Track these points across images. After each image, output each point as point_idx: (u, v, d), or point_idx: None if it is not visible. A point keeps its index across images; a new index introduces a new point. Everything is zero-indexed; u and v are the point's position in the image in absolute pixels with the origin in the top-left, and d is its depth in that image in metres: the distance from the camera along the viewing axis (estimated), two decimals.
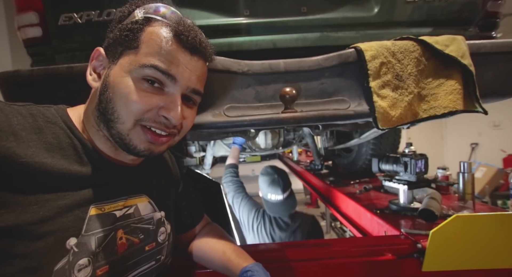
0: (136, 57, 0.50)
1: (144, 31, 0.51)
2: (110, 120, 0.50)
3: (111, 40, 0.53)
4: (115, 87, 0.49)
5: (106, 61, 0.53)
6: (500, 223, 0.76)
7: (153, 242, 0.61)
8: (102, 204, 0.52)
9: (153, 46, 0.50)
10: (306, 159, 3.36)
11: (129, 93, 0.49)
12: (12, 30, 1.41)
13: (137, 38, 0.50)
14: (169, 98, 0.51)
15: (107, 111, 0.50)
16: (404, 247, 0.81)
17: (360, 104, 0.72)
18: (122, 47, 0.51)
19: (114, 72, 0.50)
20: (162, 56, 0.50)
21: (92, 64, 0.55)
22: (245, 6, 0.86)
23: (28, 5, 0.81)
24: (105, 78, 0.51)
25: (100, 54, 0.54)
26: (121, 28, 0.52)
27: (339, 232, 3.85)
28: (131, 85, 0.49)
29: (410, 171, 1.08)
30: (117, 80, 0.50)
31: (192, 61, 0.53)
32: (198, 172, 2.12)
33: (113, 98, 0.49)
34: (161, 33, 0.51)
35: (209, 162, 2.34)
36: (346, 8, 0.88)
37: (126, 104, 0.49)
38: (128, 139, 0.51)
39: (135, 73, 0.49)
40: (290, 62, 0.71)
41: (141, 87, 0.49)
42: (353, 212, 1.32)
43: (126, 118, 0.49)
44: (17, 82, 0.71)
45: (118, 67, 0.51)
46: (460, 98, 0.73)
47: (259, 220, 1.65)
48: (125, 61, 0.50)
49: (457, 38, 0.73)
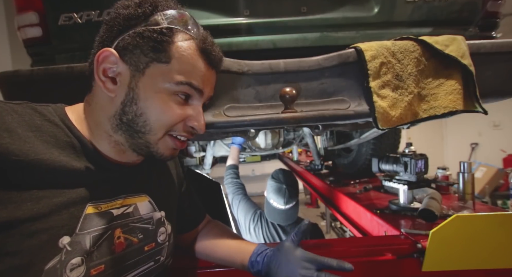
0: (169, 73, 0.50)
1: (173, 45, 0.50)
2: (139, 131, 0.52)
3: (126, 44, 0.50)
4: (148, 101, 0.50)
5: (124, 67, 0.50)
6: (500, 223, 0.76)
7: (152, 242, 0.60)
8: (99, 202, 0.52)
9: (186, 65, 0.51)
10: (306, 159, 3.36)
11: (165, 108, 0.51)
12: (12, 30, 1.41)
13: (167, 52, 0.50)
14: (195, 109, 0.55)
15: (137, 124, 0.51)
16: (404, 247, 0.81)
17: (360, 104, 0.72)
18: (149, 58, 0.50)
19: (145, 85, 0.50)
20: (195, 75, 0.53)
21: (101, 67, 0.51)
22: (245, 6, 0.86)
23: (28, 5, 0.81)
24: (132, 89, 0.50)
25: (113, 56, 0.50)
26: (143, 36, 0.49)
27: (339, 232, 3.85)
28: (166, 100, 0.51)
29: (410, 171, 1.08)
30: (150, 94, 0.50)
31: (213, 75, 0.58)
32: (198, 172, 2.12)
33: (146, 113, 0.50)
34: (192, 51, 0.52)
35: (209, 162, 2.34)
36: (346, 8, 0.88)
37: (160, 118, 0.51)
38: (156, 147, 0.54)
39: (168, 89, 0.51)
40: (290, 62, 0.71)
41: (174, 101, 0.52)
42: (353, 212, 1.32)
43: (158, 130, 0.52)
44: (17, 82, 0.71)
45: (148, 80, 0.50)
46: (460, 98, 0.73)
47: (255, 222, 1.64)
48: (155, 74, 0.50)
49: (457, 38, 0.73)
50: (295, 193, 1.53)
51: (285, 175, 1.58)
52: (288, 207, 1.49)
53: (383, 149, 1.65)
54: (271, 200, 1.52)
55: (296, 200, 1.53)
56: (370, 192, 1.43)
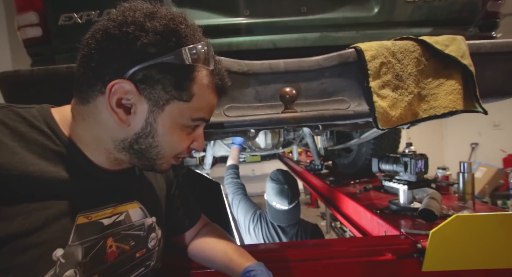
0: (189, 111, 0.51)
1: (195, 83, 0.49)
2: (150, 158, 0.53)
3: (147, 78, 0.46)
4: (166, 136, 0.51)
5: (141, 100, 0.47)
6: (500, 223, 0.76)
7: (143, 249, 0.60)
8: (89, 212, 0.50)
9: (203, 102, 0.52)
10: (306, 159, 3.36)
11: (179, 142, 0.54)
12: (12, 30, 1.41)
13: (189, 90, 0.49)
14: (198, 133, 0.57)
15: (149, 152, 0.52)
16: (404, 247, 0.81)
17: (360, 104, 0.72)
18: (169, 96, 0.48)
19: (164, 122, 0.50)
20: (209, 110, 0.55)
21: (115, 97, 0.46)
22: (245, 6, 0.86)
23: (28, 5, 0.81)
24: (151, 124, 0.49)
25: (129, 88, 0.46)
26: (166, 71, 0.46)
27: (339, 232, 3.85)
28: (180, 136, 0.53)
29: (410, 171, 1.08)
30: (169, 131, 0.51)
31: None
32: (198, 172, 2.12)
33: (161, 145, 0.52)
34: (210, 88, 0.53)
35: (209, 162, 2.34)
36: (346, 8, 0.88)
37: (173, 150, 0.54)
38: (160, 166, 0.56)
39: (185, 124, 0.53)
40: (290, 62, 0.71)
41: (186, 132, 0.54)
42: (353, 212, 1.32)
43: (168, 156, 0.55)
44: (17, 82, 0.71)
45: (168, 117, 0.50)
46: (460, 98, 0.73)
47: (255, 222, 1.63)
48: (175, 111, 0.50)
49: (457, 38, 0.73)
50: (296, 191, 1.53)
51: (284, 175, 1.57)
52: (292, 206, 1.49)
53: (383, 149, 1.65)
54: (274, 202, 1.51)
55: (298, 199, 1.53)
56: (370, 192, 1.43)
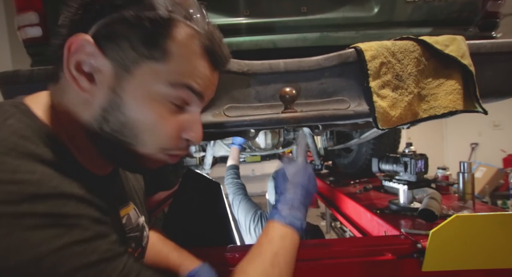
0: (164, 74, 0.40)
1: (171, 40, 0.40)
2: (127, 143, 0.42)
3: (110, 33, 0.39)
4: (139, 110, 0.40)
5: (105, 62, 0.39)
6: (500, 223, 0.76)
7: (139, 248, 0.59)
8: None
9: (185, 64, 0.41)
10: None
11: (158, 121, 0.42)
12: (12, 30, 1.41)
13: (162, 48, 0.39)
14: (192, 117, 0.46)
15: (123, 134, 0.41)
16: (404, 247, 0.80)
17: (360, 104, 0.72)
18: (138, 54, 0.39)
19: (133, 90, 0.40)
20: (197, 76, 0.42)
21: (74, 57, 0.39)
22: (245, 6, 0.86)
23: (28, 5, 0.81)
24: (116, 93, 0.40)
25: (90, 46, 0.38)
26: (133, 24, 0.38)
27: (339, 232, 3.85)
28: (159, 110, 0.41)
29: (410, 171, 1.08)
30: (140, 102, 0.40)
31: (215, 76, 0.48)
32: (198, 172, 2.12)
33: (135, 124, 0.41)
34: (193, 48, 0.42)
35: (209, 162, 2.34)
36: (346, 8, 0.88)
37: (153, 133, 0.42)
38: (144, 161, 0.44)
39: (163, 94, 0.41)
40: (290, 62, 0.71)
41: (170, 110, 0.42)
42: (353, 212, 1.31)
43: (151, 145, 0.43)
44: (17, 82, 0.71)
45: (138, 83, 0.40)
46: (460, 98, 0.73)
47: (255, 222, 1.63)
48: (147, 75, 0.40)
49: (457, 38, 0.73)
50: None
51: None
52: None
53: (383, 149, 1.65)
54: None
55: None
56: (370, 192, 1.43)
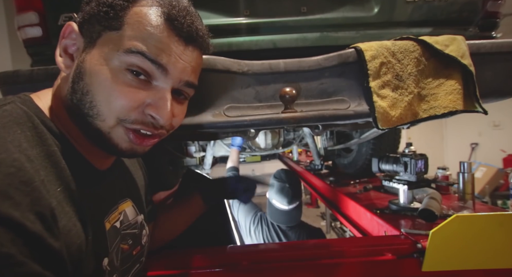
0: (119, 40, 0.41)
1: (130, 10, 0.42)
2: (87, 115, 0.43)
3: (86, 15, 0.43)
4: (93, 77, 0.41)
5: (81, 40, 0.44)
6: (500, 223, 0.76)
7: (138, 246, 0.59)
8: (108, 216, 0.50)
9: (140, 30, 0.41)
10: (306, 159, 3.35)
11: (110, 87, 0.41)
12: (12, 30, 1.41)
13: (120, 17, 0.42)
14: (158, 94, 0.44)
15: (84, 105, 0.42)
16: (404, 247, 0.80)
17: (360, 104, 0.72)
18: (101, 27, 0.42)
19: (91, 58, 0.42)
20: (150, 42, 0.42)
21: (62, 43, 0.45)
22: (245, 6, 0.86)
23: (28, 5, 0.81)
24: (80, 63, 0.43)
25: (73, 31, 0.44)
26: (100, 2, 0.42)
27: (339, 232, 3.85)
28: (113, 76, 0.41)
29: (410, 171, 1.08)
30: (95, 68, 0.41)
31: (186, 51, 0.45)
32: (198, 172, 2.12)
33: (90, 91, 0.42)
34: (150, 15, 0.42)
35: (209, 162, 2.34)
36: (346, 8, 0.88)
37: (107, 100, 0.42)
38: (109, 136, 0.44)
39: (117, 60, 0.41)
40: (290, 62, 0.71)
41: (125, 80, 0.42)
42: (353, 212, 1.31)
43: (107, 116, 0.42)
44: (17, 82, 0.71)
45: (97, 51, 0.42)
46: (460, 98, 0.73)
47: (255, 224, 1.63)
48: (104, 44, 0.42)
49: (457, 38, 0.73)
50: (298, 192, 1.51)
51: (287, 174, 1.56)
52: (292, 207, 1.47)
53: (383, 149, 1.65)
54: (274, 200, 1.50)
55: (299, 201, 1.51)
56: (370, 192, 1.43)
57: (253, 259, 0.79)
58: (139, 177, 0.69)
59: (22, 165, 0.34)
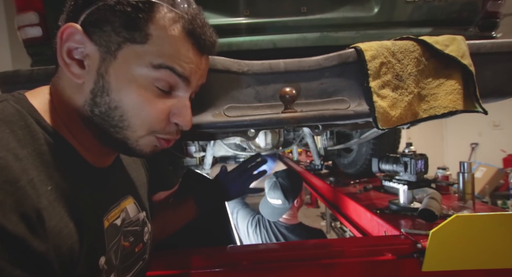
0: (146, 55, 0.42)
1: (152, 23, 0.41)
2: (116, 126, 0.44)
3: (95, 20, 0.41)
4: (123, 92, 0.42)
5: (93, 48, 0.42)
6: (500, 223, 0.76)
7: (140, 243, 0.59)
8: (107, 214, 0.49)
9: (167, 46, 0.42)
10: (306, 159, 3.35)
11: (144, 103, 0.43)
12: (12, 30, 1.41)
13: (143, 30, 0.41)
14: (180, 102, 0.47)
15: (112, 118, 0.43)
16: (404, 247, 0.80)
17: (360, 104, 0.72)
18: (120, 38, 0.41)
19: (117, 72, 0.42)
20: (179, 59, 0.43)
21: (65, 46, 0.42)
22: (245, 6, 0.86)
23: (28, 5, 0.81)
24: (102, 75, 0.42)
25: (78, 33, 0.41)
26: (115, 10, 0.40)
27: (339, 232, 3.85)
28: (143, 93, 0.43)
29: (410, 171, 1.08)
30: (124, 85, 0.42)
31: (203, 61, 0.48)
32: (198, 172, 2.12)
33: (121, 106, 0.42)
34: (176, 31, 0.42)
35: (209, 162, 2.34)
36: (346, 8, 0.88)
37: (139, 115, 0.43)
38: (136, 144, 0.46)
39: (146, 76, 0.42)
40: (290, 62, 0.71)
41: (154, 94, 0.44)
42: (353, 212, 1.31)
43: (139, 128, 0.44)
44: (17, 82, 0.71)
45: (122, 66, 0.42)
46: (460, 98, 0.73)
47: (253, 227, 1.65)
48: (129, 57, 0.41)
49: (457, 38, 0.73)
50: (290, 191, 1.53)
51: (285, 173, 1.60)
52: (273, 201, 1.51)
53: (383, 149, 1.65)
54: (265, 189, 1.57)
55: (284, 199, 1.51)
56: (370, 192, 1.43)
57: (253, 259, 0.79)
58: (141, 174, 0.69)
59: (7, 164, 0.33)
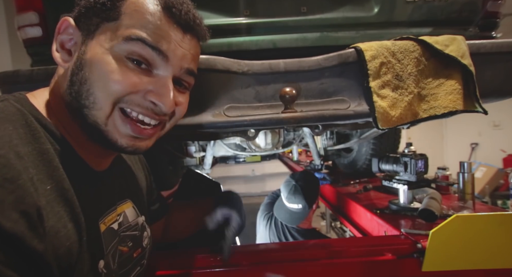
0: (117, 29, 0.42)
1: (126, 1, 0.43)
2: (84, 106, 0.42)
3: (82, 9, 0.44)
4: (93, 65, 0.41)
5: (79, 35, 0.44)
6: (500, 223, 0.76)
7: (139, 248, 0.59)
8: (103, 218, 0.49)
9: (138, 18, 0.42)
10: (306, 159, 3.35)
11: (110, 72, 0.41)
12: (12, 30, 1.41)
13: (117, 8, 0.42)
14: (159, 81, 0.44)
15: (81, 95, 0.42)
16: (404, 247, 0.80)
17: (360, 104, 0.72)
18: (99, 19, 0.43)
19: (91, 49, 0.42)
20: (149, 30, 0.42)
21: (59, 39, 0.45)
22: (245, 6, 0.86)
23: (28, 5, 0.81)
24: (80, 55, 0.43)
25: (69, 26, 0.44)
26: None
27: (339, 232, 3.85)
28: (113, 63, 0.41)
29: (410, 171, 1.08)
30: (96, 57, 0.41)
31: (185, 39, 0.46)
32: (198, 172, 2.12)
33: (89, 78, 0.41)
34: (148, 4, 0.43)
35: (209, 162, 2.34)
36: (346, 8, 0.88)
37: (105, 85, 0.41)
38: (105, 130, 0.43)
39: (117, 49, 0.41)
40: (290, 62, 0.71)
41: (128, 67, 0.42)
42: (353, 212, 1.32)
43: (104, 102, 0.41)
44: (17, 82, 0.71)
45: (96, 42, 0.42)
46: (460, 98, 0.73)
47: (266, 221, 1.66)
48: (104, 35, 0.42)
49: (457, 38, 0.73)
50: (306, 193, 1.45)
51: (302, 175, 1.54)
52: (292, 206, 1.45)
53: (383, 149, 1.65)
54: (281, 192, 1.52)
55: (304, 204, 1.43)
56: (370, 192, 1.43)
57: (253, 259, 0.79)
58: (141, 178, 0.69)
59: (8, 162, 0.33)
